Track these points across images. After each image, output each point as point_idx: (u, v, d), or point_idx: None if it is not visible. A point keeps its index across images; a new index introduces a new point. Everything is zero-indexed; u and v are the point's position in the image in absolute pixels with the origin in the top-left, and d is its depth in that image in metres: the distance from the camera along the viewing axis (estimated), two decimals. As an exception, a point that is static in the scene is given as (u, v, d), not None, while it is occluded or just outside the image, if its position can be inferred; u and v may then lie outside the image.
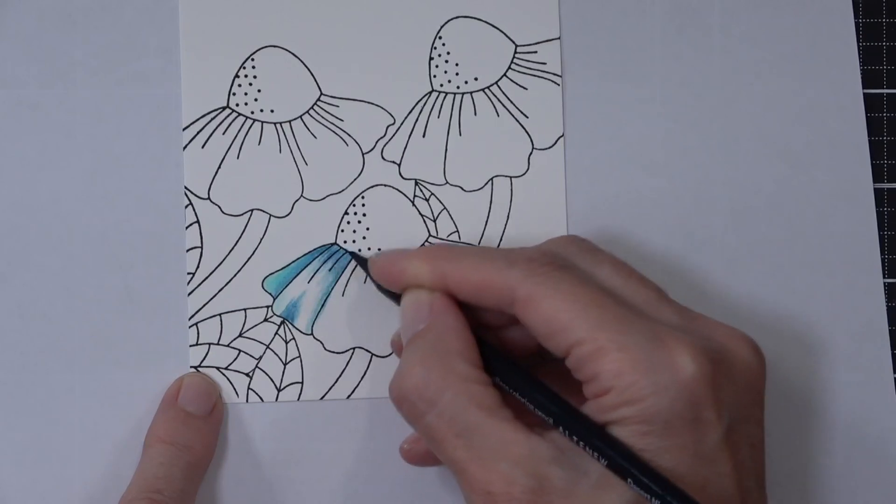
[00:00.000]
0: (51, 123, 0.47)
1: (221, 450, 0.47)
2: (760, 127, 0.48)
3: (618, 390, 0.38)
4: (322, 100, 0.47)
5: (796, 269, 0.48)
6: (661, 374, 0.37)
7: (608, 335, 0.38)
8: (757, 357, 0.40)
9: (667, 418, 0.37)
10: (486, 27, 0.48)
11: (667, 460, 0.37)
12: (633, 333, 0.38)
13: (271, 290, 0.47)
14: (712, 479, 0.37)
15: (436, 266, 0.42)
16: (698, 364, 0.38)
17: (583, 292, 0.39)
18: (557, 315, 0.39)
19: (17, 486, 0.46)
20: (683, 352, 0.38)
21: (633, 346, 0.38)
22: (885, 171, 0.48)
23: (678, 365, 0.38)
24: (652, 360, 0.38)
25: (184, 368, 0.47)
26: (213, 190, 0.47)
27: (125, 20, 0.47)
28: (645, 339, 0.38)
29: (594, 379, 0.38)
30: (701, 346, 0.38)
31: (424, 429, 0.39)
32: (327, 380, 0.47)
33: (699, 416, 0.37)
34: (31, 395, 0.46)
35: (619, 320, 0.39)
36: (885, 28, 0.48)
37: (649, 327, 0.39)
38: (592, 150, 0.48)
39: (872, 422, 0.48)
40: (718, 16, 0.48)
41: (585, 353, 0.38)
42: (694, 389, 0.37)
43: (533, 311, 0.39)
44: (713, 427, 0.38)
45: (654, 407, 0.37)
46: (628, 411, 0.37)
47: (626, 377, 0.38)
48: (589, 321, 0.38)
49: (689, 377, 0.38)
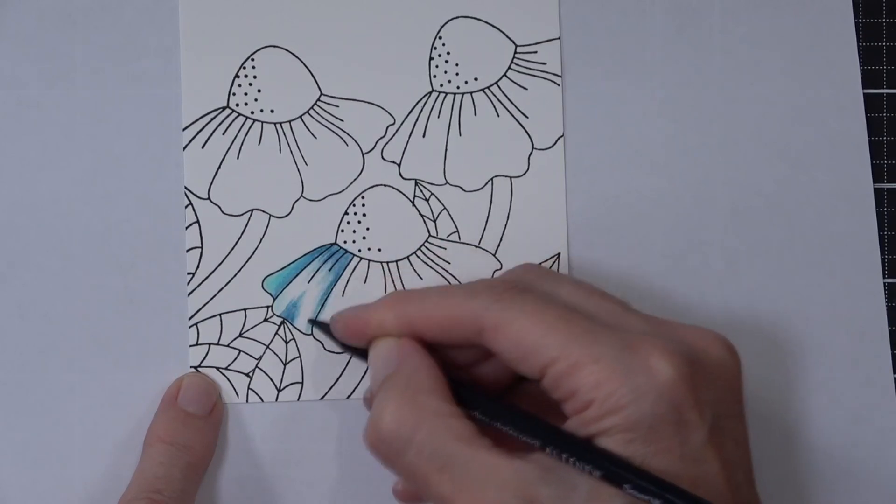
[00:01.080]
0: (51, 123, 0.47)
1: (221, 450, 0.47)
2: (760, 127, 0.48)
3: (598, 402, 0.37)
4: (322, 100, 0.47)
5: (796, 269, 0.48)
6: (639, 380, 0.37)
7: (581, 349, 0.38)
8: (731, 354, 0.40)
9: (650, 423, 0.37)
10: (486, 27, 0.48)
11: (654, 465, 0.37)
12: (605, 344, 0.38)
13: (271, 291, 0.47)
14: (701, 479, 0.37)
15: (399, 311, 0.42)
16: (675, 366, 0.38)
17: (548, 311, 0.39)
18: (527, 336, 0.39)
19: (17, 486, 0.46)
20: (658, 355, 0.38)
21: (608, 356, 0.38)
22: (885, 171, 0.48)
23: (655, 369, 0.38)
24: (628, 367, 0.37)
25: (184, 368, 0.47)
26: (213, 190, 0.47)
27: (125, 20, 0.47)
28: (618, 347, 0.38)
29: (573, 395, 0.38)
30: (675, 348, 0.38)
31: (405, 469, 0.39)
32: (327, 380, 0.47)
33: (682, 418, 0.37)
34: (31, 395, 0.46)
35: (589, 333, 0.38)
36: (885, 28, 0.48)
37: (620, 336, 0.38)
38: (592, 150, 0.48)
39: (872, 422, 0.48)
40: (718, 16, 0.48)
41: (560, 371, 0.38)
42: (674, 391, 0.37)
43: (502, 336, 0.39)
44: (696, 427, 0.38)
45: (636, 413, 0.37)
46: (611, 421, 0.37)
47: (605, 387, 0.37)
48: (559, 338, 0.38)
49: (667, 380, 0.37)
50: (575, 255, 0.47)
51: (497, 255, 0.47)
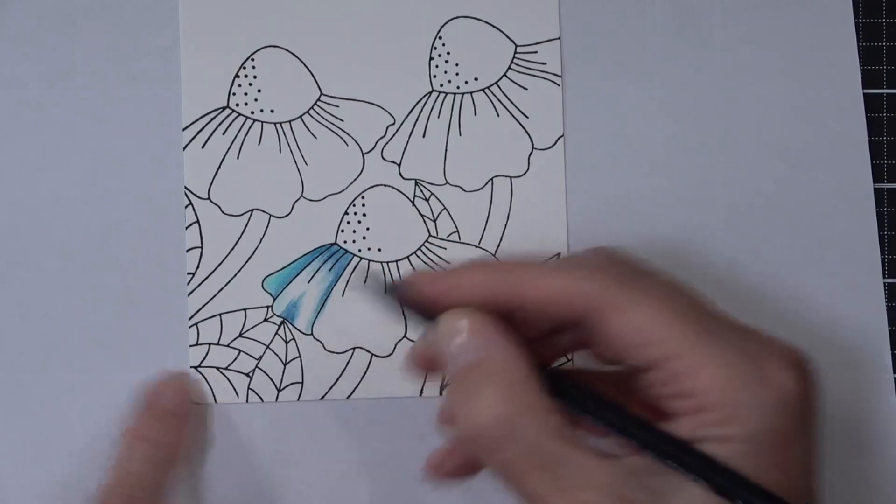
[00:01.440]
0: (51, 123, 0.47)
1: (222, 450, 0.47)
2: (760, 127, 0.48)
3: (718, 407, 0.36)
4: (322, 100, 0.47)
5: (796, 269, 0.48)
6: (762, 391, 0.36)
7: (705, 349, 0.37)
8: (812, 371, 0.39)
9: (768, 436, 0.36)
10: (486, 27, 0.48)
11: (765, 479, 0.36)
12: (730, 348, 0.37)
13: (271, 290, 0.47)
14: (807, 494, 0.37)
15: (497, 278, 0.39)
16: (794, 379, 0.37)
17: (676, 301, 0.38)
18: (649, 324, 0.37)
19: (17, 486, 0.46)
20: (781, 367, 0.37)
21: (732, 361, 0.37)
22: (885, 171, 0.48)
23: (778, 380, 0.37)
24: (752, 376, 0.37)
25: (184, 368, 0.47)
26: (213, 190, 0.47)
27: (125, 20, 0.47)
28: (741, 353, 0.37)
29: (689, 395, 0.37)
30: (799, 360, 0.38)
31: (501, 464, 0.37)
32: (327, 380, 0.47)
33: (799, 433, 0.37)
34: (31, 395, 0.46)
35: (713, 333, 0.37)
36: (885, 28, 0.48)
37: (743, 341, 0.37)
38: (592, 150, 0.48)
39: (872, 422, 0.48)
40: (718, 16, 0.48)
41: (679, 367, 0.37)
42: (795, 405, 0.37)
43: (621, 320, 0.37)
44: (812, 442, 0.37)
45: (756, 425, 0.36)
46: (730, 430, 0.36)
47: (728, 394, 0.36)
48: (684, 333, 0.37)
49: (790, 393, 0.37)
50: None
51: (497, 255, 0.47)
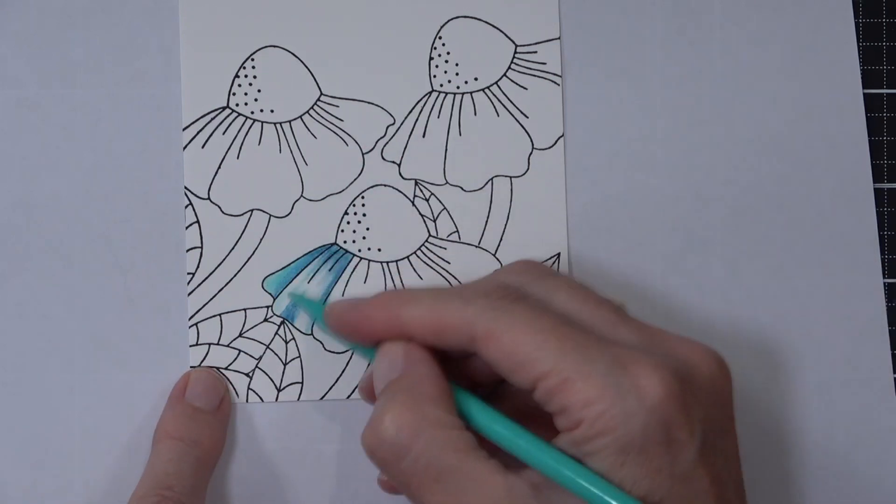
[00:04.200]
0: (51, 123, 0.47)
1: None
2: (760, 127, 0.48)
3: (588, 421, 0.37)
4: (322, 100, 0.47)
5: (796, 269, 0.48)
6: (628, 400, 0.37)
7: (572, 365, 0.38)
8: (722, 369, 0.40)
9: (640, 444, 0.37)
10: (486, 27, 0.48)
11: (645, 486, 0.37)
12: (596, 360, 0.38)
13: (271, 291, 0.47)
14: (691, 498, 0.37)
15: (391, 312, 0.41)
16: (664, 384, 0.37)
17: (541, 323, 0.39)
18: (518, 349, 0.38)
19: (17, 486, 0.46)
20: (648, 373, 0.37)
21: (598, 373, 0.37)
22: (885, 171, 0.48)
23: (644, 388, 0.37)
24: (619, 386, 0.37)
25: (184, 368, 0.47)
26: (213, 190, 0.47)
27: (125, 20, 0.47)
28: (608, 364, 0.38)
29: (563, 412, 0.38)
30: (665, 365, 0.38)
31: (400, 476, 0.39)
32: (327, 380, 0.47)
33: (672, 437, 0.37)
34: (31, 395, 0.46)
35: (581, 348, 0.38)
36: (885, 28, 0.48)
37: (611, 352, 0.38)
38: (592, 150, 0.48)
39: (872, 422, 0.48)
40: (718, 16, 0.48)
41: (551, 385, 0.38)
42: (664, 411, 0.37)
43: (493, 347, 0.39)
44: (687, 446, 0.37)
45: (626, 435, 0.37)
46: (602, 442, 0.37)
47: (595, 407, 0.37)
48: (551, 352, 0.38)
49: (657, 399, 0.37)
50: (575, 255, 0.47)
51: (497, 255, 0.47)
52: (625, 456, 0.37)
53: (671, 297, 0.47)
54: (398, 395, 0.40)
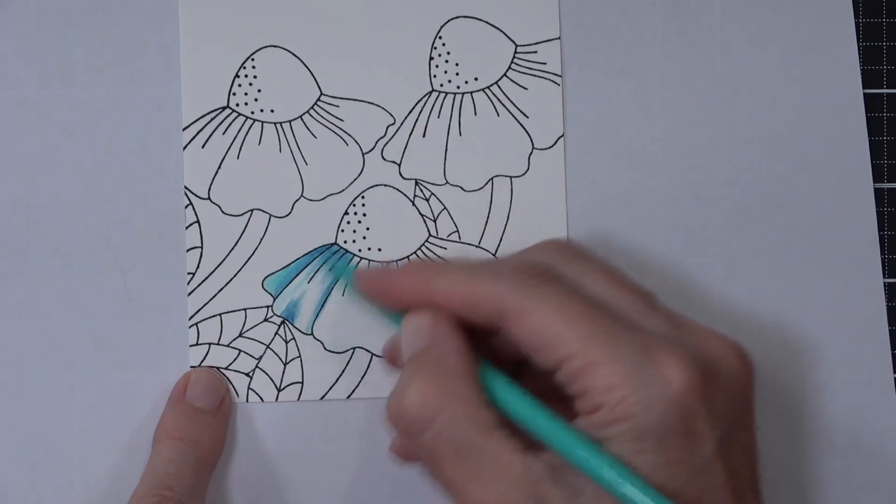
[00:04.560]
0: (51, 123, 0.47)
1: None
2: (760, 127, 0.48)
3: (609, 406, 0.37)
4: (322, 100, 0.47)
5: (796, 269, 0.48)
6: (651, 388, 0.37)
7: (598, 348, 0.38)
8: (744, 363, 0.40)
9: (660, 433, 0.37)
10: (486, 27, 0.48)
11: (661, 475, 0.37)
12: (623, 346, 0.38)
13: (271, 290, 0.47)
14: (707, 491, 0.37)
15: (422, 282, 0.41)
16: (688, 376, 0.37)
17: (571, 305, 0.39)
18: (546, 329, 0.38)
19: (17, 486, 0.46)
20: (673, 364, 0.37)
21: (623, 359, 0.37)
22: (885, 171, 0.48)
23: (668, 378, 0.37)
24: (642, 374, 0.37)
25: (184, 369, 0.47)
26: (213, 190, 0.47)
27: (125, 20, 0.47)
28: (634, 351, 0.38)
29: (585, 394, 0.38)
30: (690, 356, 0.38)
31: (421, 447, 0.39)
32: (327, 380, 0.47)
33: (692, 429, 0.37)
34: (31, 395, 0.46)
35: (609, 333, 0.38)
36: (885, 28, 0.48)
37: (638, 339, 0.38)
38: (592, 150, 0.48)
39: (872, 422, 0.48)
40: (718, 16, 0.48)
41: (575, 368, 0.38)
42: (685, 402, 0.37)
43: (521, 325, 0.39)
44: (706, 438, 0.37)
45: (646, 422, 0.37)
46: (621, 428, 0.37)
47: (617, 393, 0.37)
48: (578, 335, 0.38)
49: (679, 390, 0.37)
50: (575, 255, 0.47)
51: (497, 255, 0.47)
52: (642, 443, 0.37)
53: (671, 296, 0.47)
54: (424, 366, 0.40)
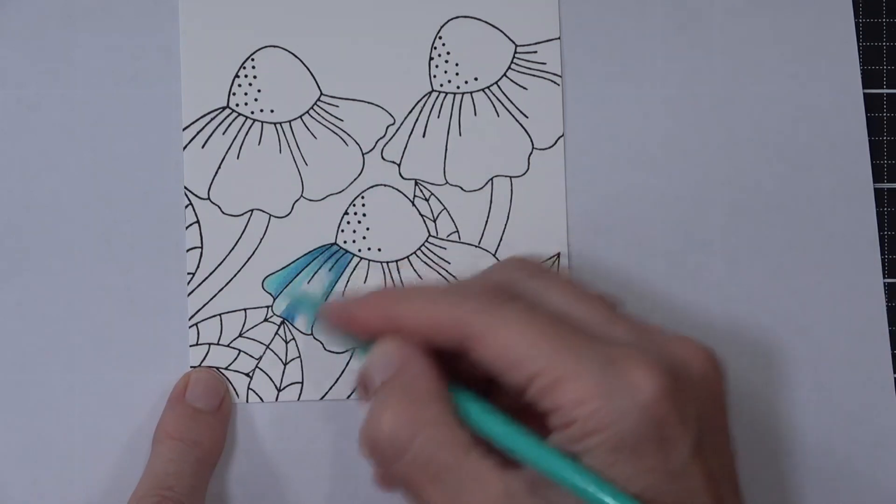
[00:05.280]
0: (51, 123, 0.47)
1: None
2: (760, 127, 0.48)
3: (581, 420, 0.37)
4: (322, 100, 0.47)
5: (796, 269, 0.48)
6: (621, 399, 0.37)
7: (564, 364, 0.37)
8: (714, 365, 0.40)
9: (633, 442, 0.37)
10: (486, 27, 0.48)
11: (639, 483, 0.37)
12: (589, 359, 0.38)
13: (271, 291, 0.47)
14: (686, 495, 0.37)
15: (386, 309, 0.41)
16: (657, 382, 0.37)
17: (535, 322, 0.38)
18: (511, 348, 0.38)
19: (17, 485, 0.46)
20: (641, 371, 0.37)
21: (590, 372, 0.37)
22: (885, 171, 0.48)
23: (637, 386, 0.37)
24: (610, 385, 0.37)
25: (184, 368, 0.47)
26: (213, 190, 0.47)
27: (125, 20, 0.47)
28: (601, 363, 0.37)
29: (557, 410, 0.38)
30: (657, 362, 0.38)
31: (398, 474, 0.39)
32: (327, 380, 0.47)
33: (665, 435, 0.37)
34: (31, 395, 0.46)
35: (574, 347, 0.38)
36: (885, 28, 0.48)
37: (604, 350, 0.38)
38: (592, 150, 0.48)
39: (872, 422, 0.48)
40: (718, 16, 0.48)
41: (544, 385, 0.38)
42: (656, 409, 0.37)
43: (487, 346, 0.39)
44: (680, 443, 0.37)
45: (619, 433, 0.37)
46: (594, 440, 0.37)
47: (588, 406, 0.37)
48: (544, 351, 0.38)
49: (649, 397, 0.37)
50: (575, 255, 0.47)
51: (497, 255, 0.47)
52: (618, 454, 0.37)
53: (671, 296, 0.47)
54: (394, 392, 0.40)
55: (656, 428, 0.37)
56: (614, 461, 0.37)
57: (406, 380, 0.40)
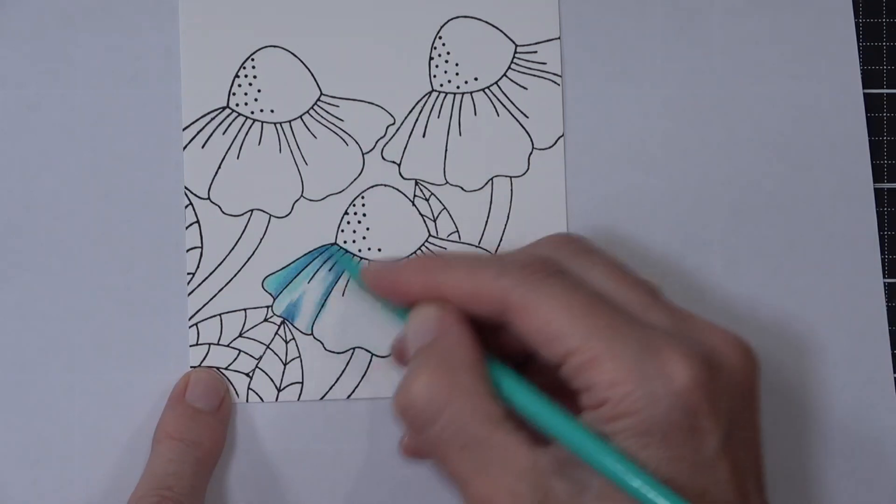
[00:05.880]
0: (51, 123, 0.47)
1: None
2: (760, 127, 0.48)
3: (613, 402, 0.37)
4: (322, 100, 0.47)
5: (796, 269, 0.48)
6: (655, 384, 0.37)
7: (601, 343, 0.38)
8: (750, 359, 0.40)
9: (664, 429, 0.37)
10: (486, 27, 0.48)
11: (666, 470, 0.37)
12: (627, 341, 0.38)
13: (271, 290, 0.47)
14: (711, 487, 0.37)
15: (427, 277, 0.41)
16: (692, 371, 0.37)
17: (575, 299, 0.39)
18: (550, 324, 0.38)
19: (17, 485, 0.46)
20: (677, 359, 0.37)
21: (627, 354, 0.37)
22: (885, 171, 0.48)
23: (672, 373, 0.37)
24: (646, 370, 0.37)
25: (184, 368, 0.47)
26: (213, 190, 0.47)
27: (125, 20, 0.47)
28: (638, 347, 0.38)
29: (589, 389, 0.38)
30: (695, 351, 0.38)
31: (428, 440, 0.39)
32: (327, 380, 0.47)
33: (696, 425, 0.37)
34: (31, 395, 0.46)
35: (612, 328, 0.38)
36: (885, 28, 0.48)
37: (643, 334, 0.38)
38: (592, 150, 0.48)
39: (872, 422, 0.48)
40: (718, 16, 0.48)
41: (579, 363, 0.38)
42: (689, 398, 0.37)
43: (526, 319, 0.39)
44: (711, 434, 0.37)
45: (650, 418, 0.37)
46: (625, 423, 0.37)
47: (621, 388, 0.37)
48: (582, 329, 0.38)
49: (683, 385, 0.37)
50: (575, 255, 0.47)
51: (497, 255, 0.47)
52: (647, 439, 0.37)
53: (671, 296, 0.47)
54: (431, 359, 0.40)
55: (688, 417, 0.37)
56: (643, 445, 0.37)
57: (444, 347, 0.40)
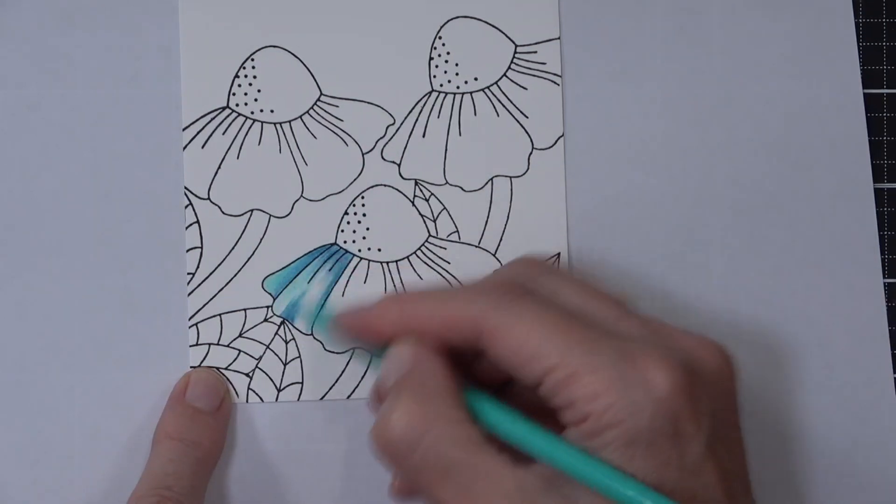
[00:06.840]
0: (51, 123, 0.47)
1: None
2: (760, 127, 0.48)
3: (596, 415, 0.37)
4: (322, 100, 0.47)
5: (796, 269, 0.48)
6: (636, 393, 0.37)
7: (578, 358, 0.38)
8: (726, 362, 0.40)
9: (649, 437, 0.37)
10: (486, 27, 0.48)
11: (654, 478, 0.37)
12: (604, 353, 0.38)
13: (271, 291, 0.47)
14: (700, 490, 0.37)
15: (398, 313, 0.41)
16: (672, 377, 0.37)
17: (548, 317, 0.39)
18: (526, 343, 0.38)
19: (17, 486, 0.46)
20: (656, 366, 0.37)
21: (605, 366, 0.37)
22: (885, 171, 0.48)
23: (652, 381, 0.37)
24: (626, 380, 0.37)
25: (184, 368, 0.47)
26: (213, 190, 0.47)
27: (125, 20, 0.47)
28: (615, 357, 0.37)
29: (571, 405, 0.38)
30: (672, 357, 0.38)
31: (410, 472, 0.39)
32: (327, 380, 0.47)
33: (680, 430, 0.37)
34: (31, 395, 0.46)
35: (588, 341, 0.38)
36: (885, 28, 0.48)
37: (619, 345, 0.38)
38: (592, 150, 0.48)
39: (872, 422, 0.48)
40: (718, 16, 0.48)
41: (559, 379, 0.38)
42: (671, 403, 0.37)
43: (501, 342, 0.39)
44: (695, 439, 0.37)
45: (634, 427, 0.37)
46: (609, 435, 0.37)
47: (603, 400, 0.37)
48: (558, 346, 0.38)
49: (665, 392, 0.37)
50: (575, 254, 0.47)
51: (497, 255, 0.47)
52: (633, 449, 0.37)
53: (671, 296, 0.47)
54: (406, 390, 0.40)
55: (671, 422, 0.37)
56: (630, 456, 0.37)
57: (418, 378, 0.40)
